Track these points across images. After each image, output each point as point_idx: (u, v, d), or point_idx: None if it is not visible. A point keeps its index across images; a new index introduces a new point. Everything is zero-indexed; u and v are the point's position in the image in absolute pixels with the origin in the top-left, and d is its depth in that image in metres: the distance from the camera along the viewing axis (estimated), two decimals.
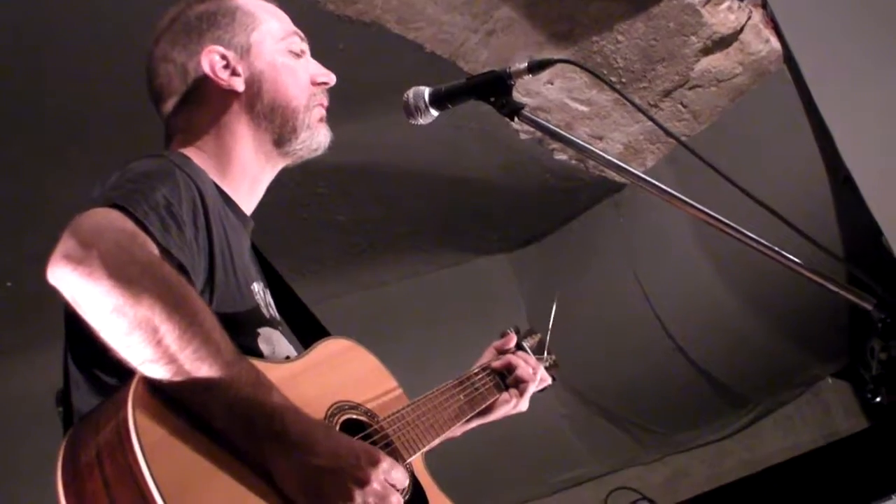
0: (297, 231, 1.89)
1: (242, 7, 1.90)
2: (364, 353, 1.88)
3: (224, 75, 1.82)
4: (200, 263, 1.56)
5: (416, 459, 1.79)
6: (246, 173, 1.85)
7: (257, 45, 1.86)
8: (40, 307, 3.93)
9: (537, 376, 2.32)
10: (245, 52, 1.85)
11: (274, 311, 1.84)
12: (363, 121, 1.99)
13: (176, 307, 1.34)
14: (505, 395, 2.28)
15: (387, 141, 3.60)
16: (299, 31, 1.96)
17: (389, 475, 1.45)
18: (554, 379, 2.50)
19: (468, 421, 2.17)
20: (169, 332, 1.32)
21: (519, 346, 2.42)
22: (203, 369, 1.34)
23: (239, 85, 1.83)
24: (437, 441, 1.93)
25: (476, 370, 2.25)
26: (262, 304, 1.77)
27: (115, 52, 2.97)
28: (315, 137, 1.89)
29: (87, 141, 3.30)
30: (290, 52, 1.90)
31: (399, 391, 1.88)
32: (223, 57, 1.83)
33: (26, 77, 2.97)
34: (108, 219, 1.42)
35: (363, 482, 1.41)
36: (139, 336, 1.32)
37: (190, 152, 1.78)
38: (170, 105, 1.86)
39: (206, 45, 1.83)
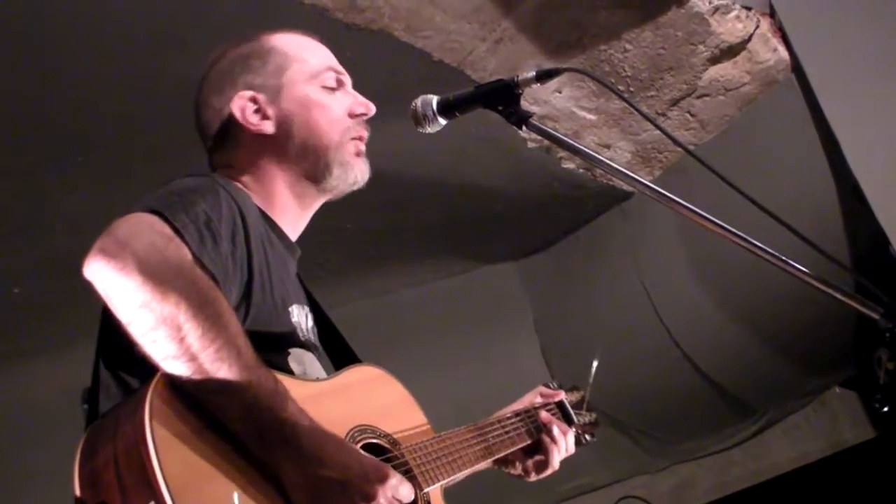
0: (305, 239, 1.91)
1: (277, 48, 1.90)
2: (395, 383, 1.89)
3: (254, 119, 1.84)
4: (236, 279, 1.59)
5: (435, 491, 1.78)
6: (288, 208, 1.88)
7: (289, 85, 1.87)
8: (48, 313, 3.95)
9: (564, 445, 2.26)
10: (276, 93, 1.86)
11: (312, 336, 1.85)
12: (371, 129, 2.00)
13: (201, 308, 1.38)
14: (530, 465, 2.25)
15: (394, 149, 3.59)
16: (336, 66, 1.96)
17: (397, 491, 1.47)
18: (593, 436, 2.46)
19: (495, 462, 2.15)
20: (192, 331, 1.36)
21: (560, 405, 2.38)
22: (222, 370, 1.37)
23: (269, 128, 1.84)
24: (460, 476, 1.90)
25: (509, 414, 2.22)
26: (299, 327, 1.78)
27: (117, 57, 2.98)
28: (350, 172, 1.90)
29: (91, 148, 3.30)
30: (324, 87, 1.90)
31: (426, 426, 1.88)
32: (253, 100, 1.85)
33: (30, 83, 2.98)
34: (146, 222, 1.47)
35: (370, 496, 1.43)
36: (163, 332, 1.36)
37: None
38: (210, 144, 1.91)
39: (238, 89, 1.85)
